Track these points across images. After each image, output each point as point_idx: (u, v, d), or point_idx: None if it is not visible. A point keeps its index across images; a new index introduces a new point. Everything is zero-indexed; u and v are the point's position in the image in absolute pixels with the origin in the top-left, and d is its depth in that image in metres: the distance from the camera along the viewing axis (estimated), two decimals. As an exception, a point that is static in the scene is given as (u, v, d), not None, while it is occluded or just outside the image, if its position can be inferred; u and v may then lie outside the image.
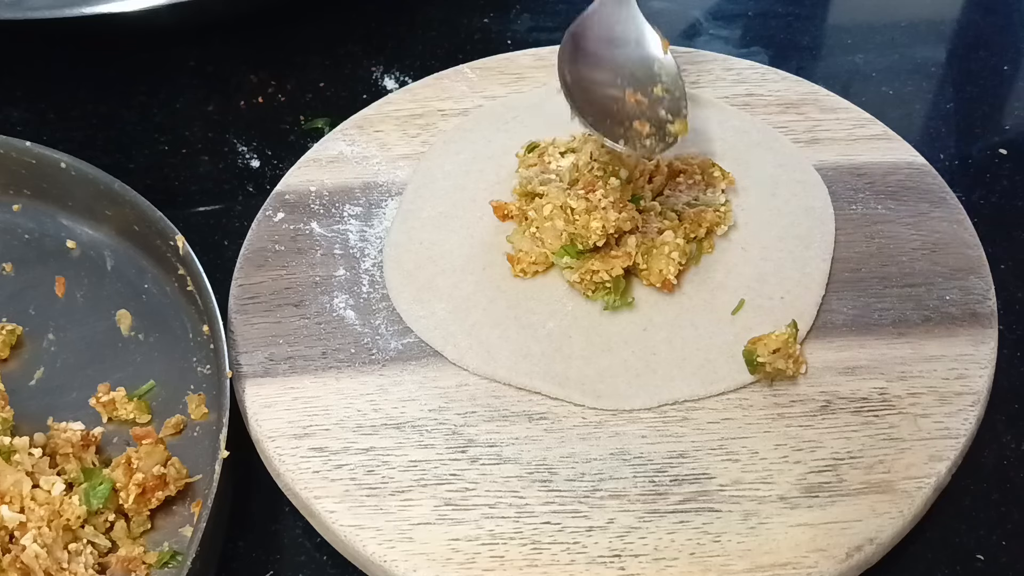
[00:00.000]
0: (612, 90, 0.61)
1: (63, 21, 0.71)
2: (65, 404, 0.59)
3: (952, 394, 0.56)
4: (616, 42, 0.63)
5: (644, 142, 0.59)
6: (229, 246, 0.68)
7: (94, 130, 0.77)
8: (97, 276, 0.65)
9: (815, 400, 0.56)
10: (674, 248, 0.59)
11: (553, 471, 0.54)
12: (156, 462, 0.54)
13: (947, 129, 0.76)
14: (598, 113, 0.59)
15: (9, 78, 0.81)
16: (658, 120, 0.60)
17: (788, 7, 0.85)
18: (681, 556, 0.50)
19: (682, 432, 0.55)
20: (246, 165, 0.74)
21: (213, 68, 0.81)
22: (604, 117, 0.59)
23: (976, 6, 0.86)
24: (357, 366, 0.58)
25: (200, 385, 0.59)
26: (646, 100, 0.60)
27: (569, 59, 0.61)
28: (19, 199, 0.68)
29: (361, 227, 0.65)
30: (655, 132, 0.59)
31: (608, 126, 0.59)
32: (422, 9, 0.85)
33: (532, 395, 0.57)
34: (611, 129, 0.59)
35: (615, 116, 0.60)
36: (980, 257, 0.62)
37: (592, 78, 0.61)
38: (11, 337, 0.61)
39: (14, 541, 0.50)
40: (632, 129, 0.59)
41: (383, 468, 0.54)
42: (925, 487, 0.52)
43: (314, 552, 0.56)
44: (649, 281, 0.60)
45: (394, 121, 0.71)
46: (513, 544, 0.51)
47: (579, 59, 0.61)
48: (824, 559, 0.50)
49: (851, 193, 0.65)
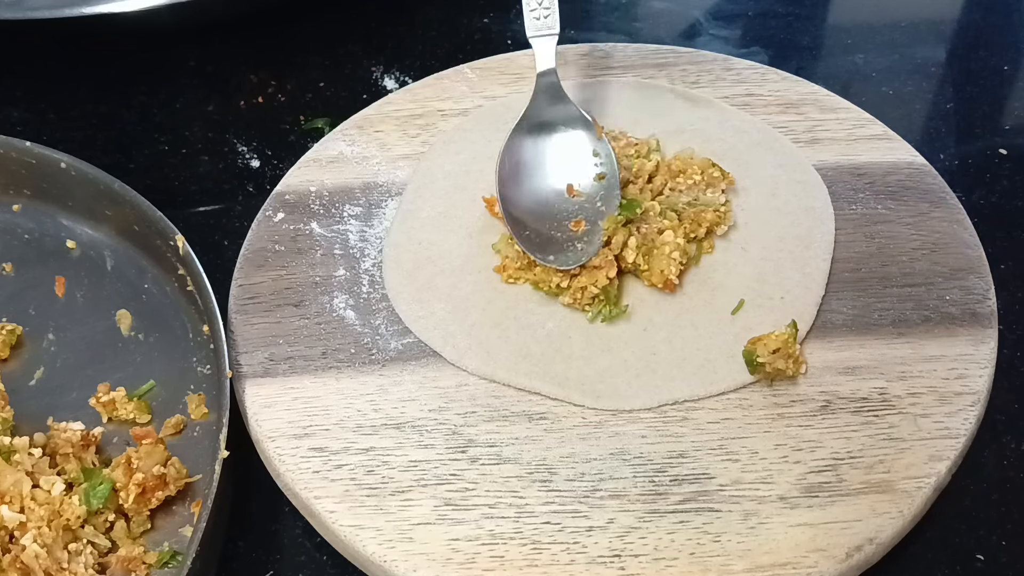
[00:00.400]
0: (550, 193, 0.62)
1: (63, 21, 0.71)
2: (65, 404, 0.59)
3: (952, 394, 0.56)
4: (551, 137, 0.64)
5: (576, 246, 0.60)
6: (229, 246, 0.68)
7: (94, 130, 0.77)
8: (97, 276, 0.65)
9: (815, 400, 0.56)
10: (675, 248, 0.59)
11: (553, 471, 0.54)
12: (156, 462, 0.54)
13: (947, 129, 0.76)
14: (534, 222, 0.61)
15: (9, 78, 0.81)
16: (594, 213, 0.61)
17: (788, 7, 0.85)
18: (681, 556, 0.50)
19: (682, 432, 0.55)
20: (246, 165, 0.74)
21: (213, 68, 0.81)
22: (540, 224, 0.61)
23: (976, 6, 0.86)
24: (357, 366, 0.58)
25: (200, 385, 0.59)
26: (583, 193, 0.62)
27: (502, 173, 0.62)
28: (19, 199, 0.68)
29: (361, 227, 0.65)
30: (588, 231, 0.60)
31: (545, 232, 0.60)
32: (422, 9, 0.85)
33: (532, 395, 0.57)
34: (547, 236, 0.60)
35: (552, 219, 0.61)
36: (980, 257, 0.62)
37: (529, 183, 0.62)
38: (11, 337, 0.61)
39: (14, 541, 0.50)
40: (567, 231, 0.60)
41: (383, 468, 0.54)
42: (925, 487, 0.52)
43: (314, 552, 0.56)
44: (651, 282, 0.60)
45: (394, 121, 0.71)
46: (513, 544, 0.51)
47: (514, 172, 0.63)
48: (824, 559, 0.50)
49: (851, 193, 0.65)
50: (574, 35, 0.82)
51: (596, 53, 0.75)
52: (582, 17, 0.85)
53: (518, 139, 0.64)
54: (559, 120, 0.64)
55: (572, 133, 0.64)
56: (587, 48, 0.75)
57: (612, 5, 0.86)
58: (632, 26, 0.84)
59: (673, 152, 0.66)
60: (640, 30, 0.84)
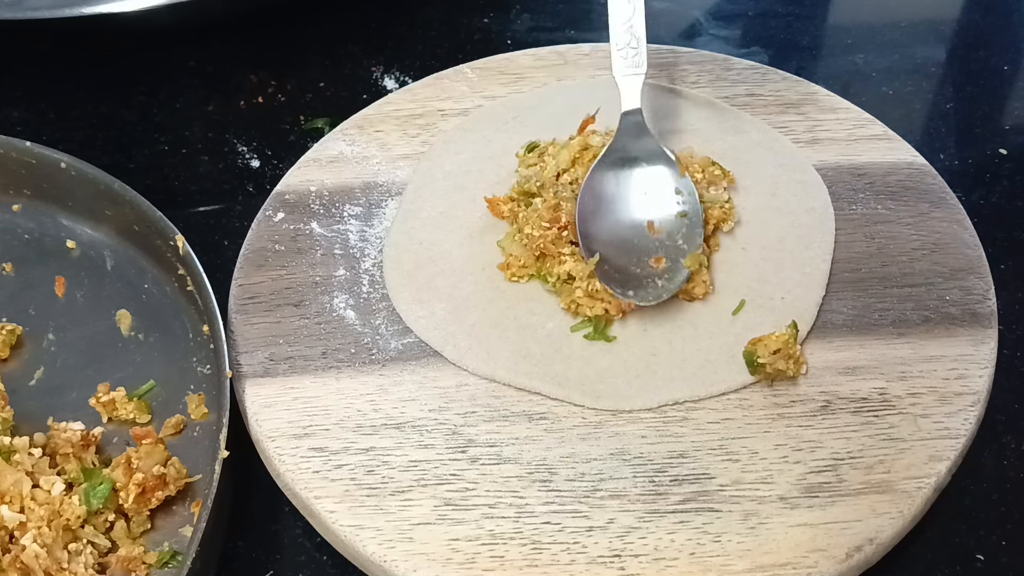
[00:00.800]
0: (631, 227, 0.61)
1: (63, 21, 0.71)
2: (65, 404, 0.59)
3: (952, 394, 0.56)
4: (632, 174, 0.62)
5: (657, 283, 0.58)
6: (229, 246, 0.68)
7: (94, 130, 0.77)
8: (97, 276, 0.65)
9: (815, 400, 0.56)
10: (703, 253, 0.60)
11: (553, 471, 0.54)
12: (156, 462, 0.54)
13: (947, 129, 0.76)
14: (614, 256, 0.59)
15: (9, 78, 0.81)
16: (675, 251, 0.59)
17: (788, 7, 0.85)
18: (681, 556, 0.50)
19: (682, 432, 0.55)
20: (246, 165, 0.74)
21: (213, 68, 0.81)
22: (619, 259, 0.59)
23: (976, 6, 0.86)
24: (357, 366, 0.58)
25: (200, 385, 0.59)
26: (663, 231, 0.60)
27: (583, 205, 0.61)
28: (19, 199, 0.68)
29: (361, 227, 0.65)
30: (668, 268, 0.59)
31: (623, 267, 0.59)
32: (422, 9, 0.85)
33: (532, 395, 0.57)
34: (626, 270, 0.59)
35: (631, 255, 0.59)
36: (980, 257, 0.62)
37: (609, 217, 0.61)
38: (11, 337, 0.61)
39: (14, 541, 0.50)
40: (647, 267, 0.59)
41: (383, 468, 0.54)
42: (925, 487, 0.52)
43: (314, 552, 0.56)
44: (692, 296, 0.59)
45: (394, 121, 0.71)
46: (513, 544, 0.51)
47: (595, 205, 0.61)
48: (824, 559, 0.50)
49: (851, 193, 0.65)
50: (574, 35, 0.82)
51: (596, 53, 0.75)
52: (582, 17, 0.85)
53: (600, 174, 0.62)
54: (642, 157, 0.63)
55: (654, 169, 0.62)
56: (587, 48, 0.75)
57: (612, 5, 0.86)
58: (632, 26, 0.84)
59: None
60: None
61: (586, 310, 0.58)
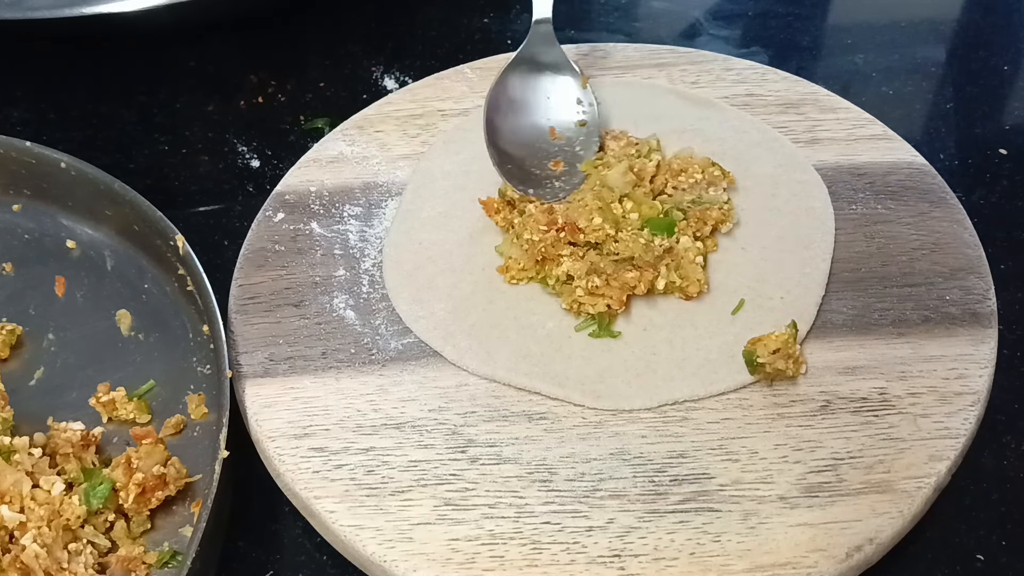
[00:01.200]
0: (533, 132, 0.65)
1: (63, 21, 0.71)
2: (65, 404, 0.59)
3: (952, 394, 0.56)
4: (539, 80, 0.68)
5: (555, 183, 0.62)
6: (229, 246, 0.68)
7: (94, 130, 0.77)
8: (97, 276, 0.65)
9: (815, 400, 0.56)
10: (696, 252, 0.60)
11: (553, 471, 0.54)
12: (156, 462, 0.54)
13: (947, 129, 0.76)
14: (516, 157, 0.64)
15: (9, 78, 0.81)
16: (572, 157, 0.64)
17: (788, 7, 0.85)
18: (681, 556, 0.50)
19: (682, 432, 0.55)
20: (246, 165, 0.74)
21: (213, 68, 0.81)
22: (522, 160, 0.64)
23: (976, 6, 0.86)
24: (357, 366, 0.58)
25: (200, 385, 0.59)
26: (563, 137, 0.65)
27: (493, 104, 0.66)
28: (19, 199, 0.68)
29: (361, 227, 0.65)
30: (566, 171, 0.63)
31: (526, 168, 0.63)
32: (422, 9, 0.85)
33: (532, 395, 0.57)
34: (527, 171, 0.63)
35: (533, 157, 0.64)
36: (980, 257, 0.62)
37: (513, 123, 0.66)
38: (11, 337, 0.61)
39: (14, 541, 0.51)
40: (547, 169, 0.63)
41: (383, 468, 0.54)
42: (925, 487, 0.52)
43: (314, 552, 0.56)
44: (686, 294, 0.59)
45: (394, 121, 0.71)
46: (513, 544, 0.51)
47: (502, 107, 0.66)
48: (824, 559, 0.50)
49: (851, 193, 0.65)
50: (574, 35, 0.82)
51: (596, 53, 0.75)
52: (582, 17, 0.85)
53: (509, 76, 0.67)
54: (549, 65, 0.68)
55: (559, 79, 0.67)
56: (587, 48, 0.75)
57: (612, 5, 0.86)
58: (632, 26, 0.84)
59: (673, 152, 0.66)
60: (640, 30, 0.84)
61: (588, 308, 0.58)
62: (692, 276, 0.59)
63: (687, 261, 0.59)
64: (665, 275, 0.59)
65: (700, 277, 0.59)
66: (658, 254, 0.59)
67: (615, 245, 0.60)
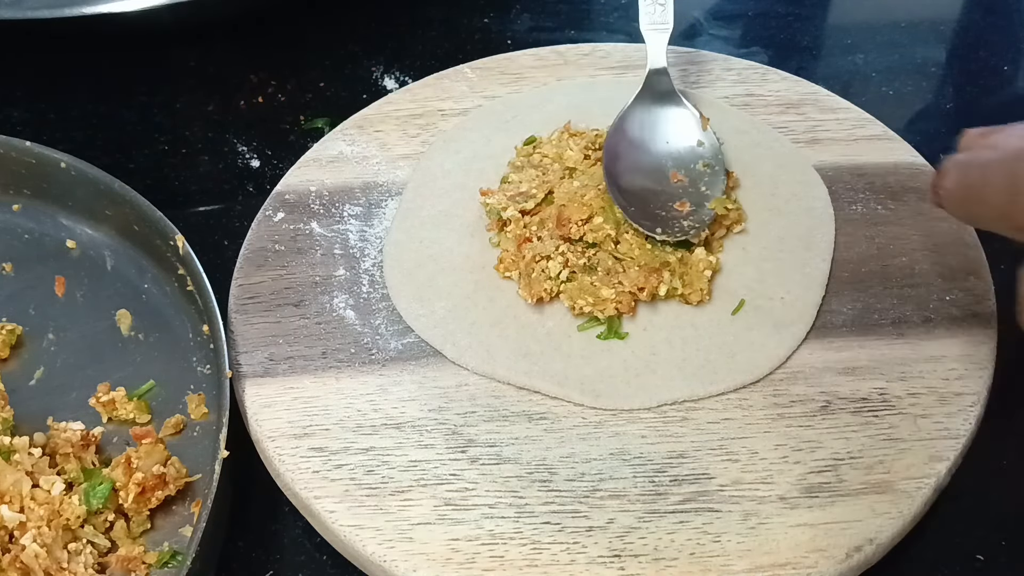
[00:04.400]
0: (654, 173, 0.63)
1: (63, 21, 0.71)
2: (65, 404, 0.59)
3: (952, 394, 0.56)
4: (657, 124, 0.66)
5: (683, 223, 0.60)
6: (229, 246, 0.68)
7: (94, 130, 0.77)
8: (97, 276, 0.65)
9: (815, 400, 0.56)
10: (707, 265, 0.60)
11: (553, 471, 0.54)
12: (156, 462, 0.54)
13: (947, 129, 0.76)
14: (639, 200, 0.61)
15: (9, 78, 0.81)
16: (698, 197, 0.62)
17: (788, 7, 0.85)
18: (681, 556, 0.50)
19: (682, 432, 0.55)
20: (246, 165, 0.74)
21: (213, 68, 0.81)
22: (646, 203, 0.61)
23: (976, 6, 0.86)
24: (357, 366, 0.58)
25: (200, 385, 0.59)
26: (686, 179, 0.63)
27: (612, 151, 0.64)
28: (19, 199, 0.68)
29: (361, 227, 0.65)
30: (693, 211, 0.61)
31: (650, 210, 0.61)
32: (422, 9, 0.85)
33: (532, 395, 0.57)
34: (652, 213, 0.61)
35: (657, 200, 0.62)
36: (980, 257, 0.62)
37: (633, 165, 0.63)
38: (11, 337, 0.61)
39: (14, 541, 0.51)
40: (672, 210, 0.61)
41: (383, 468, 0.54)
42: (925, 487, 0.52)
43: (314, 552, 0.56)
44: (688, 301, 0.59)
45: (394, 121, 0.71)
46: (513, 544, 0.51)
47: (622, 149, 0.64)
48: (824, 559, 0.50)
49: (851, 193, 0.65)
50: (574, 35, 0.82)
51: (596, 53, 0.75)
52: (582, 17, 0.85)
53: (628, 122, 0.65)
54: (665, 108, 0.66)
55: (679, 121, 0.66)
56: (588, 48, 0.75)
57: (612, 5, 0.86)
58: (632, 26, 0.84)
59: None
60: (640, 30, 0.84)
61: (597, 312, 0.58)
62: (697, 285, 0.59)
63: (696, 271, 0.59)
64: (668, 281, 0.59)
65: (704, 287, 0.59)
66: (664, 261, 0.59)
67: (615, 247, 0.60)
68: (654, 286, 0.58)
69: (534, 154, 0.66)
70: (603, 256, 0.60)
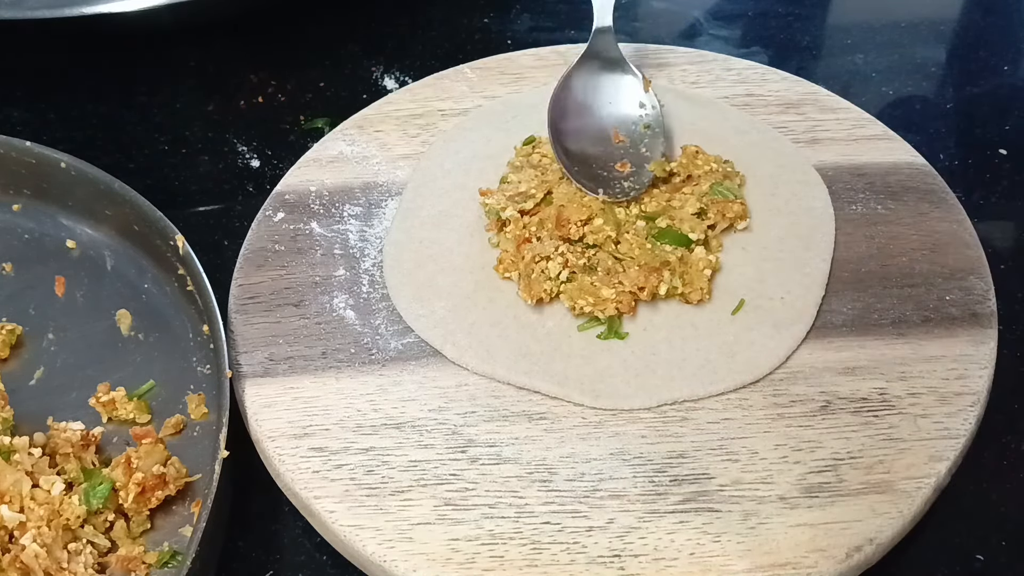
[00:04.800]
0: (597, 134, 0.65)
1: (63, 21, 0.71)
2: (65, 404, 0.59)
3: (952, 394, 0.56)
4: (600, 86, 0.67)
5: (623, 184, 0.62)
6: (229, 246, 0.68)
7: (94, 130, 0.77)
8: (97, 276, 0.65)
9: (815, 400, 0.56)
10: (707, 265, 0.60)
11: (553, 471, 0.54)
12: (156, 462, 0.54)
13: (947, 129, 0.76)
14: (582, 160, 0.63)
15: (9, 78, 0.81)
16: (639, 158, 0.64)
17: (788, 7, 0.85)
18: (681, 556, 0.50)
19: (682, 432, 0.55)
20: (246, 165, 0.74)
21: (213, 68, 0.81)
22: (588, 163, 0.63)
23: (976, 6, 0.86)
24: (357, 366, 0.58)
25: (200, 385, 0.59)
26: (627, 140, 0.65)
27: (555, 110, 0.66)
28: (19, 199, 0.68)
29: (361, 227, 0.65)
30: (634, 173, 0.63)
31: (592, 171, 0.63)
32: (422, 9, 0.85)
33: (532, 395, 0.57)
34: (594, 173, 0.63)
35: (598, 160, 0.64)
36: (980, 257, 0.62)
37: (577, 126, 0.65)
38: (11, 337, 0.61)
39: (14, 541, 0.51)
40: (613, 171, 0.63)
41: (383, 468, 0.54)
42: (925, 487, 0.52)
43: (314, 552, 0.56)
44: (687, 300, 0.59)
45: (394, 121, 0.71)
46: (513, 544, 0.51)
47: (566, 110, 0.66)
48: (824, 559, 0.50)
49: (851, 193, 0.65)
50: (574, 35, 0.81)
51: (596, 53, 0.75)
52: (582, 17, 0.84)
53: (572, 80, 0.67)
54: (609, 69, 0.68)
55: (621, 82, 0.67)
56: (587, 48, 0.75)
57: (612, 5, 0.86)
58: (632, 26, 0.84)
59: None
60: (640, 30, 0.84)
61: (597, 312, 0.58)
62: (697, 284, 0.59)
63: (696, 271, 0.59)
64: (668, 280, 0.59)
65: (704, 286, 0.59)
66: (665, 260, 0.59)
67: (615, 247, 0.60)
68: (654, 285, 0.58)
69: (533, 154, 0.66)
70: (603, 256, 0.60)
